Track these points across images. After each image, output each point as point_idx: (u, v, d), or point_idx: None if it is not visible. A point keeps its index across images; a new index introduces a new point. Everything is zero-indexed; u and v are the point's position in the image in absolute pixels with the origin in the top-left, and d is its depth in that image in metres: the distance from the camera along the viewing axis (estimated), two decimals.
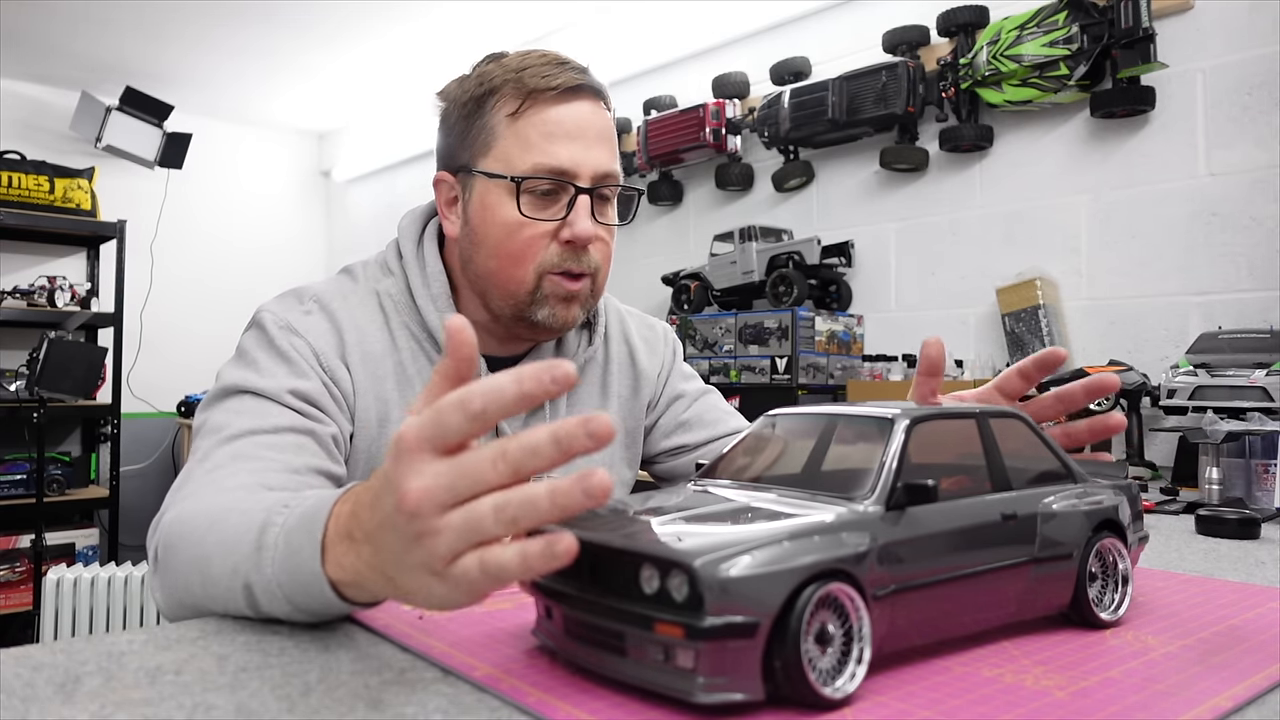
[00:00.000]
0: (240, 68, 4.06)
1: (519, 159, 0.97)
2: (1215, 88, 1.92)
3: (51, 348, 3.26)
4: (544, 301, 1.00)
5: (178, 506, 0.79)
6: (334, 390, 0.96)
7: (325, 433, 0.92)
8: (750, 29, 2.90)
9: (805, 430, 0.66)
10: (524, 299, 1.00)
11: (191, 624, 0.64)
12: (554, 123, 0.98)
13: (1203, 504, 1.22)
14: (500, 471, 0.47)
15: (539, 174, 0.97)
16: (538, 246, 0.98)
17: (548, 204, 0.98)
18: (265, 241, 5.00)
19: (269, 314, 0.98)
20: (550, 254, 0.99)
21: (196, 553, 0.69)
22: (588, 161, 0.98)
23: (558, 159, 0.97)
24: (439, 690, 0.51)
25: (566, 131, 0.98)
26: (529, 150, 0.97)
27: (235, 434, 0.86)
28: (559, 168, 0.97)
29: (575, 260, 0.99)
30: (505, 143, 0.98)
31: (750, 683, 0.47)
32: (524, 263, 0.99)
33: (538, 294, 1.00)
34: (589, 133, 0.99)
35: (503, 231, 0.99)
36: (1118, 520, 0.67)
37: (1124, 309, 2.05)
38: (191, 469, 0.85)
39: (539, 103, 0.97)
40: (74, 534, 3.82)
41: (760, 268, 2.52)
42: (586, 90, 1.00)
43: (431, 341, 1.03)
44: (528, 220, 0.98)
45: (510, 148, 0.98)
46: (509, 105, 0.98)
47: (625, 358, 1.19)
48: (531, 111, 0.98)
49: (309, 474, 0.87)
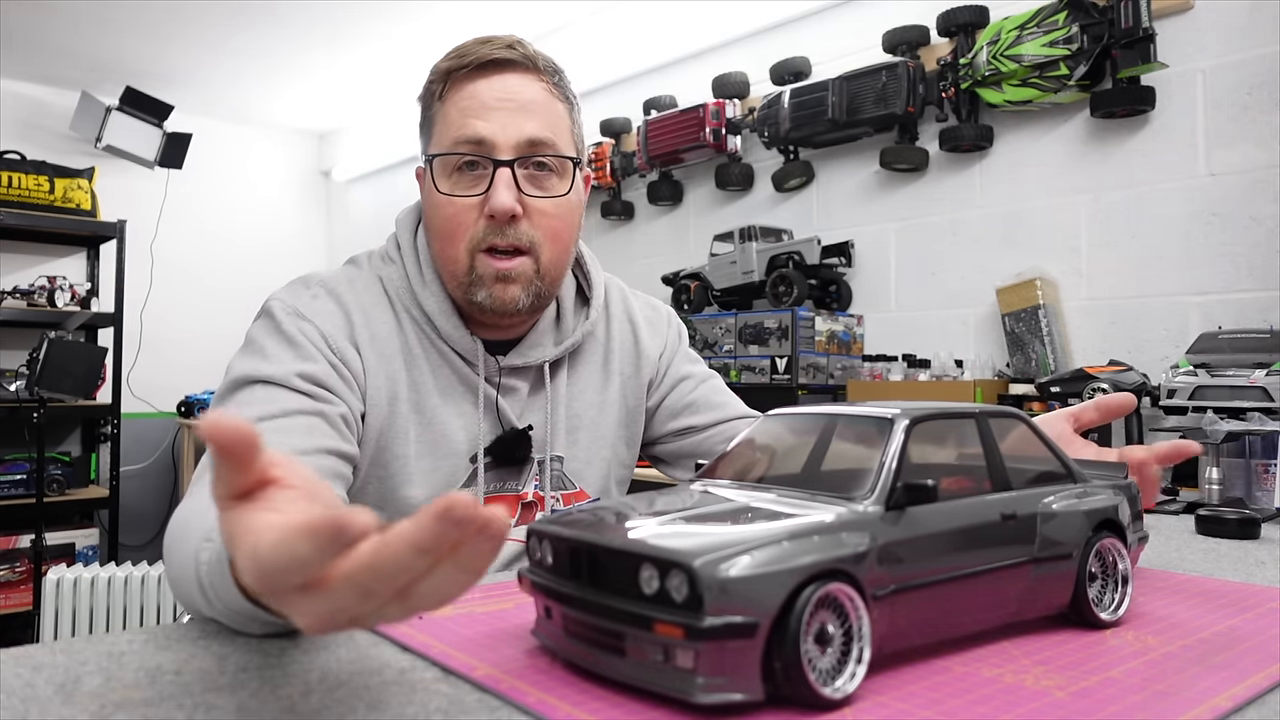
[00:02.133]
0: (240, 68, 4.06)
1: (442, 137, 0.99)
2: (1215, 88, 1.92)
3: (51, 348, 3.26)
4: (480, 283, 0.99)
5: (184, 501, 0.80)
6: (343, 372, 0.97)
7: (335, 413, 0.93)
8: (750, 29, 2.90)
9: (805, 430, 0.66)
10: (464, 280, 1.00)
11: (192, 624, 0.64)
12: (469, 96, 0.98)
13: (1203, 504, 1.22)
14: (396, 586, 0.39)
15: (455, 149, 0.97)
16: (465, 223, 0.98)
17: (474, 181, 0.98)
18: (265, 241, 5.00)
19: (277, 301, 0.99)
20: (478, 230, 0.98)
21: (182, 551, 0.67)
22: (507, 132, 0.97)
23: (474, 130, 0.96)
24: (439, 690, 0.51)
25: (483, 104, 0.97)
26: (449, 128, 0.98)
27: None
28: (474, 138, 0.96)
29: (500, 234, 0.98)
30: (438, 126, 1.00)
31: (750, 683, 0.47)
32: (455, 240, 0.99)
33: (474, 275, 0.99)
34: (510, 104, 0.97)
35: (435, 212, 1.00)
36: (1117, 520, 0.67)
37: (1124, 309, 2.05)
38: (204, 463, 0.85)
39: (458, 80, 0.99)
40: (74, 534, 3.82)
41: (760, 268, 2.52)
42: (511, 64, 0.99)
43: (432, 327, 1.04)
44: (449, 196, 0.98)
45: (439, 129, 1.00)
46: (439, 89, 1.00)
47: (628, 336, 1.18)
48: (453, 89, 0.99)
49: (319, 454, 0.88)
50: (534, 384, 1.09)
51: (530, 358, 1.07)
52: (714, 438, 1.18)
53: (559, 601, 0.54)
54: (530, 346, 1.08)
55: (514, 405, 1.07)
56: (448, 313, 1.03)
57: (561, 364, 1.11)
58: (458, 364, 1.04)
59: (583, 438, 1.12)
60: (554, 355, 1.09)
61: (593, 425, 1.13)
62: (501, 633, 0.62)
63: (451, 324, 1.03)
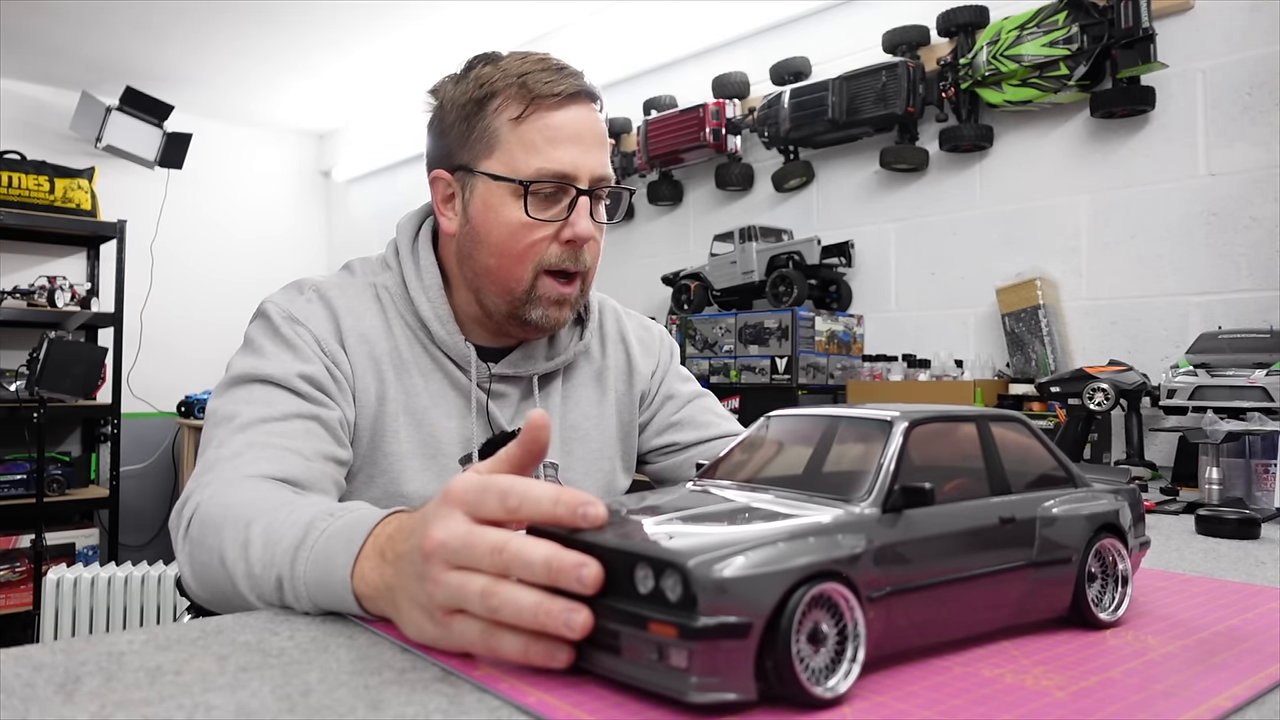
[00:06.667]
0: (240, 68, 4.06)
1: (524, 162, 1.01)
2: (1215, 88, 1.92)
3: (51, 348, 3.26)
4: (538, 302, 1.04)
5: (210, 489, 0.83)
6: (336, 374, 1.01)
7: (331, 417, 0.97)
8: (750, 29, 2.89)
9: (804, 431, 0.66)
10: (520, 297, 1.04)
11: (192, 624, 0.64)
12: (556, 128, 1.02)
13: (1203, 504, 1.22)
14: (493, 563, 0.52)
15: (544, 177, 1.01)
16: (540, 246, 1.03)
17: (549, 205, 1.03)
18: (265, 241, 4.99)
19: (273, 305, 1.03)
20: (550, 253, 1.03)
21: (240, 537, 0.73)
22: (586, 164, 1.03)
23: (561, 163, 1.01)
24: (439, 690, 0.51)
25: (568, 136, 1.02)
26: (534, 154, 1.01)
27: (247, 422, 0.91)
28: (562, 172, 1.01)
29: (573, 260, 1.04)
30: (509, 146, 1.02)
31: (743, 682, 0.47)
32: (525, 261, 1.03)
33: (533, 294, 1.04)
34: (588, 137, 1.04)
35: (506, 231, 1.03)
36: (1118, 524, 0.66)
37: (1124, 309, 2.05)
38: (211, 457, 0.89)
39: (542, 108, 1.02)
40: (74, 534, 3.83)
41: (760, 268, 2.52)
42: (584, 95, 1.04)
43: (424, 330, 1.07)
44: (533, 221, 1.02)
45: (514, 151, 1.02)
46: (512, 109, 1.02)
47: (621, 355, 1.23)
48: (535, 117, 1.02)
49: (319, 460, 0.92)
50: (524, 392, 1.13)
51: (521, 369, 1.11)
52: (697, 457, 1.21)
53: None
54: (523, 358, 1.12)
55: (504, 410, 1.10)
56: (443, 318, 1.07)
57: (555, 378, 1.15)
58: (450, 368, 1.08)
59: (579, 449, 1.16)
60: (544, 369, 1.13)
61: (589, 438, 1.16)
62: None
63: (447, 330, 1.07)
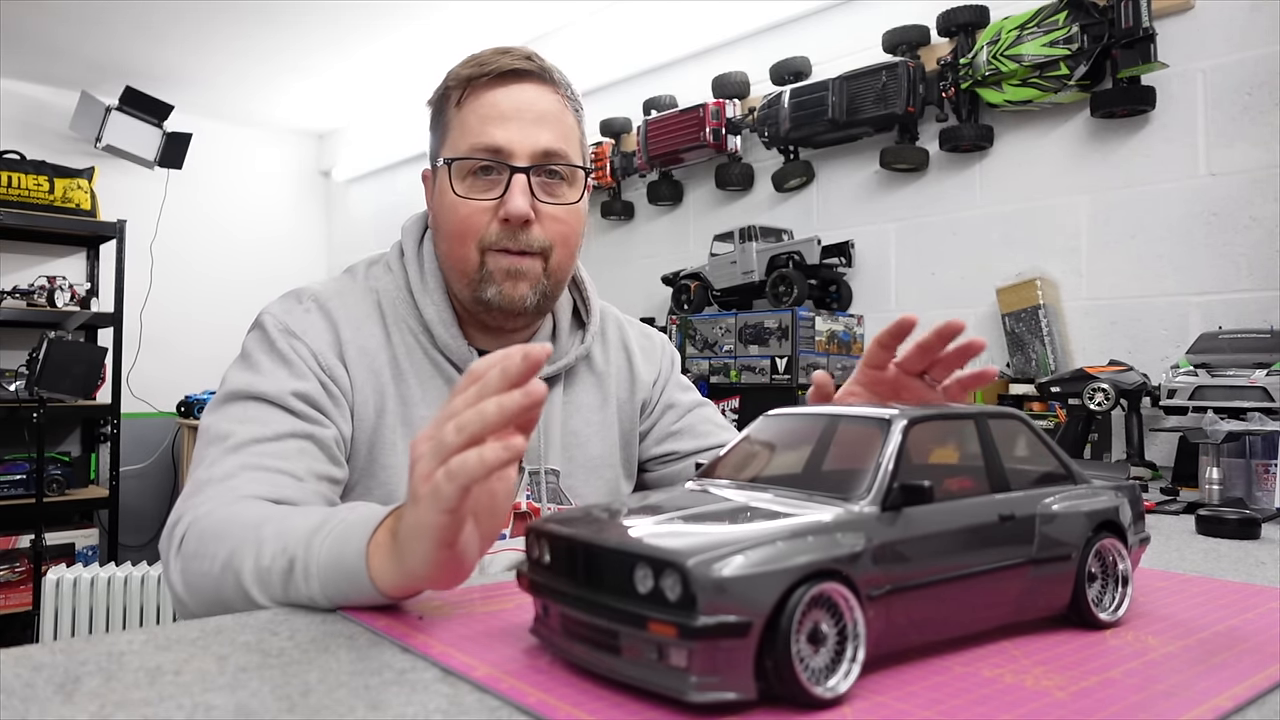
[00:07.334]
0: (240, 68, 4.06)
1: (460, 143, 1.02)
2: (1215, 88, 1.92)
3: (51, 348, 3.26)
4: (490, 279, 1.03)
5: (205, 508, 0.83)
6: (333, 389, 0.99)
7: (326, 436, 0.96)
8: (750, 29, 2.89)
9: (804, 430, 0.66)
10: (474, 277, 1.03)
11: (192, 624, 0.64)
12: (489, 105, 1.02)
13: (1203, 504, 1.22)
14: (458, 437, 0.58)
15: (474, 154, 1.01)
16: (478, 224, 1.02)
17: (489, 185, 1.02)
18: (265, 241, 4.99)
19: (270, 316, 1.02)
20: (490, 232, 1.02)
21: (250, 536, 0.73)
22: (523, 141, 1.01)
23: (492, 138, 1.01)
24: (439, 690, 0.51)
25: (502, 113, 1.01)
26: (467, 134, 1.02)
27: (240, 443, 0.90)
28: (492, 146, 1.01)
29: (513, 239, 1.02)
30: (453, 131, 1.04)
31: (743, 682, 0.47)
32: (467, 241, 1.02)
33: (484, 271, 1.03)
34: (528, 114, 1.02)
35: (448, 213, 1.03)
36: (1118, 521, 0.66)
37: (1124, 309, 2.05)
38: (202, 476, 0.88)
39: (477, 88, 1.02)
40: (74, 534, 3.82)
41: (760, 268, 2.52)
42: (528, 75, 1.03)
43: (427, 334, 1.07)
44: (464, 199, 1.02)
45: (456, 135, 1.03)
46: (457, 95, 1.03)
47: (623, 364, 1.22)
48: (472, 98, 1.03)
49: (312, 479, 0.91)
50: None
51: None
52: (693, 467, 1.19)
53: (556, 600, 0.54)
54: None
55: None
56: (446, 321, 1.06)
57: (556, 383, 1.14)
58: (450, 373, 1.07)
59: (580, 455, 1.15)
60: (545, 373, 1.11)
61: (591, 444, 1.15)
62: (501, 632, 0.62)
63: (450, 333, 1.06)
